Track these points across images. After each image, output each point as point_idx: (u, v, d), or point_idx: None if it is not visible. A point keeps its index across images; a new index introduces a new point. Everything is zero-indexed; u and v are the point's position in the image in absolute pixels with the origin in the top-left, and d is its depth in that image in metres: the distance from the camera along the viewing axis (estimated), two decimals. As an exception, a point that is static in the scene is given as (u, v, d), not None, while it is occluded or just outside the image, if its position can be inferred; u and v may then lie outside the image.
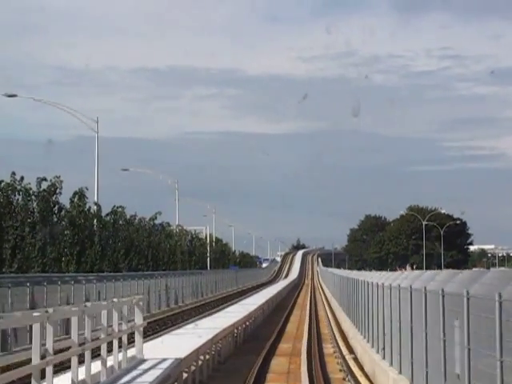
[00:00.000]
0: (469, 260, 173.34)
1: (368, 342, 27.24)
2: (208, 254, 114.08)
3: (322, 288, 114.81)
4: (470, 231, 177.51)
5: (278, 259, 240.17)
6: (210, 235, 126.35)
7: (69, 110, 55.06)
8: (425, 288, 15.91)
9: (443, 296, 14.15)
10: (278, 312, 53.57)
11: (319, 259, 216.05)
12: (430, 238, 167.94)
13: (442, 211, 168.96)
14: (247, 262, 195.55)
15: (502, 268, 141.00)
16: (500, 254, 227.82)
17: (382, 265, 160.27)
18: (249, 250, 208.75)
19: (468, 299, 12.23)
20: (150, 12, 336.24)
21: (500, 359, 10.53)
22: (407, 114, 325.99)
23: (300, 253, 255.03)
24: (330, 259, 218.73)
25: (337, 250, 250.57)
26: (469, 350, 12.10)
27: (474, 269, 50.20)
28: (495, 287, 11.10)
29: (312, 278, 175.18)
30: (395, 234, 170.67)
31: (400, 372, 19.26)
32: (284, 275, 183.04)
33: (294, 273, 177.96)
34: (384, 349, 22.08)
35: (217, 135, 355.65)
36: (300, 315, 51.88)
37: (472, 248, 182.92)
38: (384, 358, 22.25)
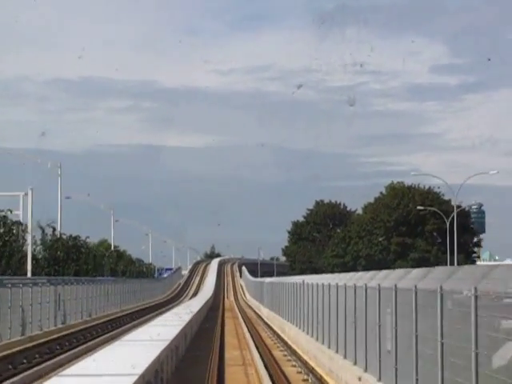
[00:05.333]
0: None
1: None
2: (29, 248, 56.48)
3: (266, 321, 58.80)
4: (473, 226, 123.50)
5: (185, 272, 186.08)
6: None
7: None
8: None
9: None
10: None
11: (243, 269, 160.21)
12: (423, 235, 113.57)
13: (440, 192, 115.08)
14: (140, 271, 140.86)
15: None
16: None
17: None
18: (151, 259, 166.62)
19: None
20: (63, 23, 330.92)
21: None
22: (323, 129, 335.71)
23: (215, 261, 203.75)
24: (252, 270, 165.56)
25: (263, 259, 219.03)
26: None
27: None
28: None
29: (236, 298, 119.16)
30: (368, 228, 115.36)
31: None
32: (192, 291, 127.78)
33: (208, 288, 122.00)
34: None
35: (131, 148, 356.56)
36: None
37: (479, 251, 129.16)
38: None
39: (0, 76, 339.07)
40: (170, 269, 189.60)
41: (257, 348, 35.59)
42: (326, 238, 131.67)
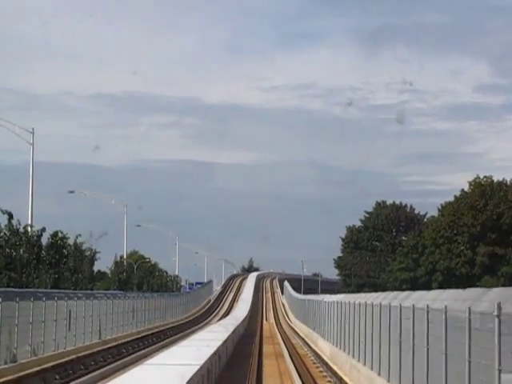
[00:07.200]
0: None
1: None
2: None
3: (332, 368, 34.39)
4: None
5: (218, 287, 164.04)
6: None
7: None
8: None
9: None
10: None
11: (286, 284, 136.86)
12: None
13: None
14: (162, 284, 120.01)
15: None
16: None
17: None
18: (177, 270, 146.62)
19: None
20: (107, 38, 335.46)
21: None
22: (365, 148, 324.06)
23: (253, 275, 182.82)
24: (294, 287, 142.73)
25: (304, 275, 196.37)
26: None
27: None
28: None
29: (277, 320, 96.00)
30: (447, 234, 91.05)
31: None
32: (224, 310, 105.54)
33: (243, 307, 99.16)
34: None
35: (174, 163, 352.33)
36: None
37: None
38: None
39: (44, 90, 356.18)
40: (201, 283, 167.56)
41: None
42: (389, 248, 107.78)
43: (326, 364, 37.39)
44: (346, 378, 30.07)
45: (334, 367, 34.95)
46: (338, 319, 38.66)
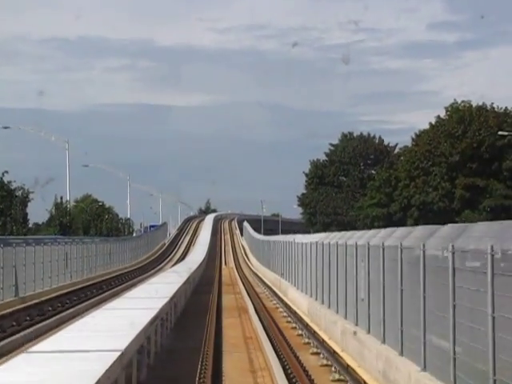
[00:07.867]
0: None
1: None
2: None
3: (314, 329, 24.84)
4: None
5: (173, 230, 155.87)
6: None
7: None
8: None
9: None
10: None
11: (245, 225, 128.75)
12: (501, 174, 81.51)
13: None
14: (112, 227, 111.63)
15: None
16: None
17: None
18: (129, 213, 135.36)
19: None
20: None
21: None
22: (319, 88, 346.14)
23: (210, 217, 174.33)
24: (253, 227, 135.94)
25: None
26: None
27: None
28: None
29: (238, 263, 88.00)
30: (423, 165, 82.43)
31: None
32: (179, 254, 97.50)
33: (200, 250, 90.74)
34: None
35: (127, 107, 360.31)
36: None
37: None
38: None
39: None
40: (156, 226, 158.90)
41: None
42: (357, 183, 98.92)
43: (306, 326, 28.35)
44: (342, 354, 20.91)
45: (320, 333, 25.86)
46: (320, 265, 29.61)
